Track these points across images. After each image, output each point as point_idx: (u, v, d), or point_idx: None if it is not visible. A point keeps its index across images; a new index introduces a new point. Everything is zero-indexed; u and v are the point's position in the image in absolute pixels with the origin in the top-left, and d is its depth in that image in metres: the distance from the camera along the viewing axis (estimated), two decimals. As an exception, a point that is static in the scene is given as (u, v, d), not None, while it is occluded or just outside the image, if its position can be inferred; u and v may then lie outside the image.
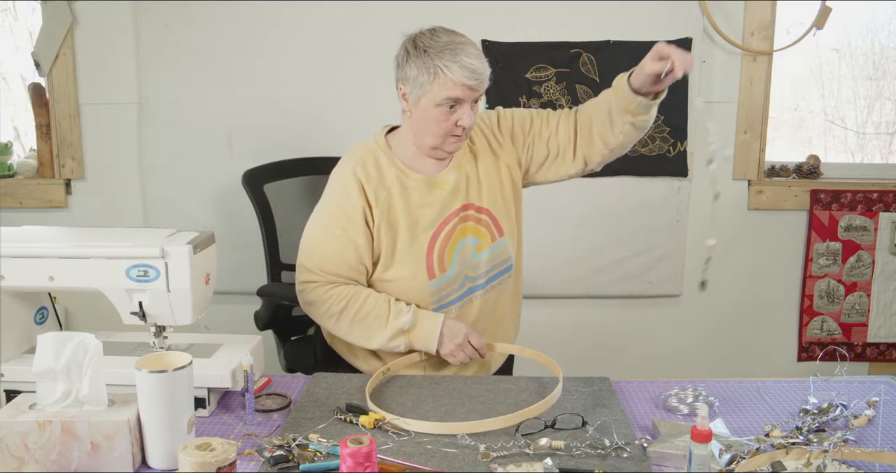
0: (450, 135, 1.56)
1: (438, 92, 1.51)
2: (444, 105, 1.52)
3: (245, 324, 2.19)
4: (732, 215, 2.71)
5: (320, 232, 1.61)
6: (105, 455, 1.11)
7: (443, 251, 1.61)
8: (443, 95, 1.51)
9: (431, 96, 1.52)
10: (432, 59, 1.50)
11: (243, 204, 2.24)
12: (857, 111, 2.88)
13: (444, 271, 1.61)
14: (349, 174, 1.60)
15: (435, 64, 1.50)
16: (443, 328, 1.56)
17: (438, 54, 1.50)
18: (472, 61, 1.50)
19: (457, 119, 1.54)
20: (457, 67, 1.49)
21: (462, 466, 1.14)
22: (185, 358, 1.15)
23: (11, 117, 2.85)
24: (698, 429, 1.06)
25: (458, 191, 1.64)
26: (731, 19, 2.56)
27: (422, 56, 1.52)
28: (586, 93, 2.55)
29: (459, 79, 1.49)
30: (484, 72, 1.52)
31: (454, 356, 1.57)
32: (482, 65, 1.52)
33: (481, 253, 1.64)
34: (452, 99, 1.51)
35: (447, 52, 1.50)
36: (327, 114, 2.55)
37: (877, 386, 1.45)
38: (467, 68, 1.49)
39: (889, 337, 2.78)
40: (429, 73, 1.50)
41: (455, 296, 1.63)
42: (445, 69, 1.49)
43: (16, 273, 1.31)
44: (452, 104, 1.52)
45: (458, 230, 1.63)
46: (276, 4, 2.48)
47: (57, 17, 2.52)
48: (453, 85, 1.50)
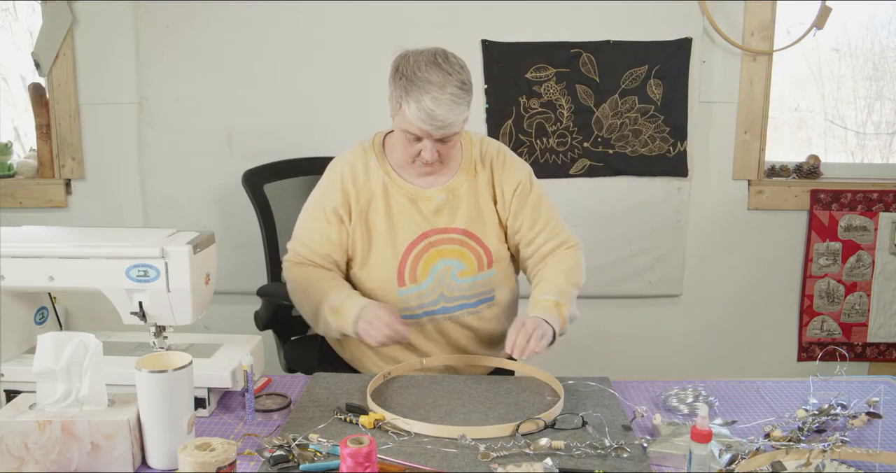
0: (414, 162, 1.59)
1: (399, 122, 1.54)
2: (407, 135, 1.54)
3: (245, 324, 2.19)
4: (732, 215, 2.71)
5: (304, 218, 1.70)
6: (105, 455, 1.11)
7: (416, 263, 1.62)
8: (403, 127, 1.53)
9: (397, 122, 1.55)
10: (402, 90, 1.49)
11: (243, 204, 2.24)
12: (857, 111, 2.88)
13: (415, 282, 1.62)
14: (336, 171, 1.67)
15: (401, 96, 1.49)
16: (362, 310, 1.52)
17: (408, 87, 1.48)
18: (434, 106, 1.45)
19: (419, 149, 1.55)
20: (415, 108, 1.47)
21: (462, 466, 1.14)
22: (185, 358, 1.15)
23: (11, 117, 2.85)
24: (698, 429, 1.06)
25: (441, 211, 1.64)
26: (731, 19, 2.56)
27: (398, 82, 1.51)
28: (586, 93, 2.55)
29: (415, 121, 1.48)
30: (446, 118, 1.47)
31: (368, 334, 1.51)
32: (447, 111, 1.46)
33: (464, 279, 1.64)
34: (411, 134, 1.52)
35: (415, 89, 1.47)
36: (327, 114, 2.55)
37: (877, 386, 1.45)
38: (426, 112, 1.46)
39: (889, 337, 2.78)
40: (395, 102, 1.53)
41: (427, 310, 1.64)
42: (406, 106, 1.48)
43: (16, 273, 1.31)
44: (414, 137, 1.53)
45: (435, 249, 1.63)
46: (276, 4, 2.48)
47: (57, 17, 2.52)
48: (410, 123, 1.50)
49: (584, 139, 2.59)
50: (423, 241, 1.62)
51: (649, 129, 2.58)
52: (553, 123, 2.57)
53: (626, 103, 2.56)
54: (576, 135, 2.58)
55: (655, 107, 2.56)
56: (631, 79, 2.55)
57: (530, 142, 2.57)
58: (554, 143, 2.59)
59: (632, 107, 2.57)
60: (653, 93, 2.56)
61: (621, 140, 2.59)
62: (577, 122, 2.57)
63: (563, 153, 2.59)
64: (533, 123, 2.57)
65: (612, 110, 2.57)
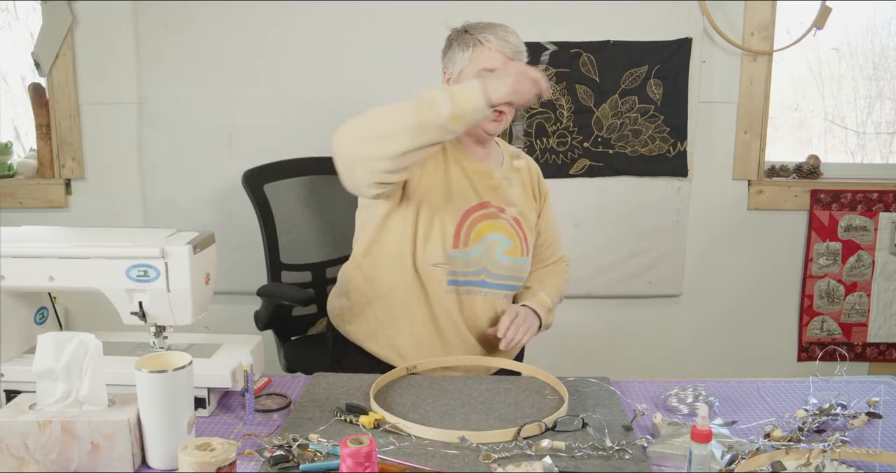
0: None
1: (477, 63, 1.59)
2: (481, 78, 1.51)
3: (245, 324, 2.19)
4: (732, 215, 2.71)
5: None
6: (105, 455, 1.11)
7: (471, 229, 1.63)
8: (480, 66, 1.58)
9: (471, 69, 1.60)
10: (472, 35, 1.61)
11: (243, 204, 2.24)
12: (857, 111, 2.88)
13: (466, 246, 1.62)
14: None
15: (475, 38, 1.61)
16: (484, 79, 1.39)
17: (478, 30, 1.62)
18: (509, 35, 1.60)
19: None
20: (493, 38, 1.59)
21: (462, 466, 1.14)
22: (185, 358, 1.15)
23: (11, 117, 2.85)
24: (698, 429, 1.06)
25: (497, 190, 1.68)
26: (731, 19, 2.56)
27: (463, 35, 1.63)
28: (586, 93, 2.55)
29: (496, 47, 1.58)
30: (520, 46, 1.61)
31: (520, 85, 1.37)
32: (517, 39, 1.61)
33: (507, 258, 1.66)
34: (489, 70, 1.55)
35: (487, 28, 1.62)
36: (327, 114, 2.55)
37: (877, 386, 1.45)
38: (503, 39, 1.59)
39: (889, 337, 2.78)
40: (468, 47, 1.61)
41: (469, 279, 1.64)
42: (483, 40, 1.59)
43: (16, 273, 1.31)
44: None
45: (490, 221, 1.65)
46: (276, 4, 2.48)
47: (57, 17, 2.52)
48: (489, 54, 1.58)
49: (584, 139, 2.59)
50: (480, 210, 1.64)
51: (649, 129, 2.58)
52: (553, 123, 2.57)
53: (626, 103, 2.56)
54: (576, 135, 2.58)
55: (655, 107, 2.56)
56: (631, 80, 2.55)
57: (530, 142, 2.57)
58: (554, 143, 2.59)
59: (632, 107, 2.57)
60: (653, 93, 2.56)
61: (621, 140, 2.59)
62: (577, 122, 2.57)
63: (563, 153, 2.59)
64: (533, 123, 2.57)
65: (612, 110, 2.57)
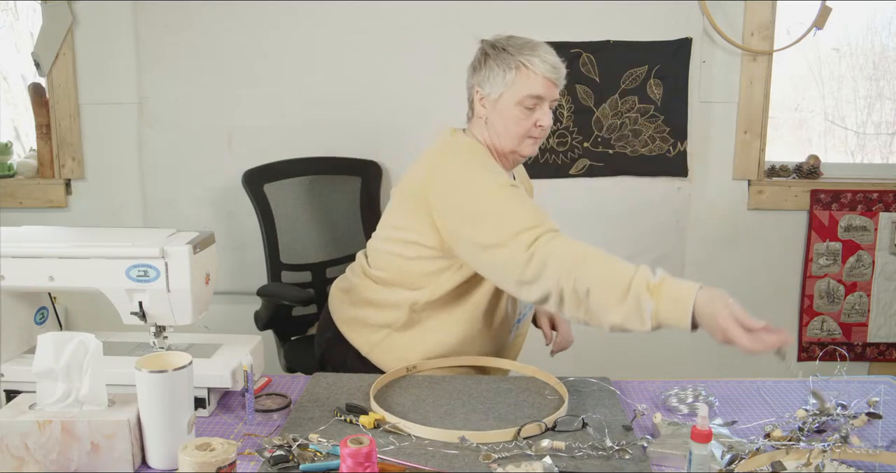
0: (527, 137, 1.55)
1: (520, 88, 1.50)
2: (524, 104, 1.51)
3: (245, 324, 2.19)
4: (732, 215, 2.71)
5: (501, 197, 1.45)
6: (105, 455, 1.11)
7: None
8: (524, 92, 1.50)
9: (513, 93, 1.51)
10: (513, 56, 1.50)
11: (243, 204, 2.24)
12: (857, 111, 2.88)
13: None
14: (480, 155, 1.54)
15: (517, 59, 1.50)
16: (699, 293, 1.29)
17: (519, 50, 1.50)
18: (551, 57, 1.51)
19: (536, 119, 1.53)
20: (538, 61, 1.49)
21: (462, 466, 1.14)
22: (185, 358, 1.15)
23: (11, 117, 2.85)
24: (698, 429, 1.06)
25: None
26: (731, 19, 2.56)
27: (501, 54, 1.52)
28: (586, 93, 2.55)
29: (542, 72, 1.49)
30: (562, 68, 1.53)
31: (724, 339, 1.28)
32: (558, 60, 1.52)
33: None
34: (534, 96, 1.50)
35: (526, 48, 1.51)
36: (327, 114, 2.55)
37: (877, 386, 1.45)
38: (548, 63, 1.50)
39: (889, 337, 2.78)
40: (510, 69, 1.50)
41: (525, 311, 1.65)
42: (528, 63, 1.49)
43: (16, 273, 1.31)
44: (533, 103, 1.51)
45: None
46: (276, 4, 2.48)
47: (57, 17, 2.52)
48: (535, 79, 1.49)
49: (584, 139, 2.59)
50: None
51: (649, 129, 2.58)
52: (553, 123, 2.57)
53: (626, 103, 2.56)
54: (576, 135, 2.58)
55: (655, 107, 2.56)
56: (631, 80, 2.55)
57: (530, 142, 2.57)
58: (554, 143, 2.59)
59: (632, 107, 2.57)
60: (653, 93, 2.56)
61: (621, 140, 2.59)
62: (577, 122, 2.57)
63: (563, 153, 2.59)
64: (533, 123, 2.57)
65: (612, 110, 2.57)
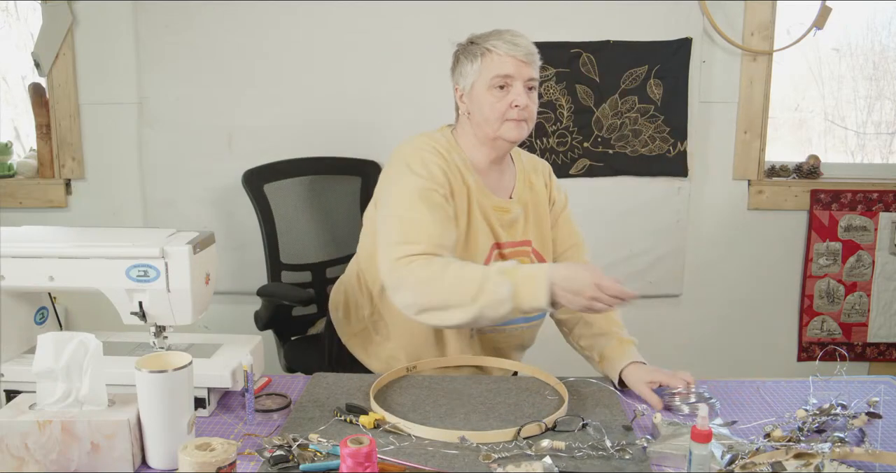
0: (505, 120, 1.54)
1: (487, 71, 1.54)
2: (495, 84, 1.53)
3: (245, 324, 2.19)
4: (732, 215, 2.71)
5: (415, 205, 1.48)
6: (105, 455, 1.11)
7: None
8: (492, 73, 1.53)
9: (482, 79, 1.54)
10: (478, 45, 1.56)
11: (243, 204, 2.24)
12: (857, 111, 2.88)
13: None
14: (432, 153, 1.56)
15: (482, 47, 1.55)
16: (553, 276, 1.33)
17: (484, 40, 1.56)
18: (516, 38, 1.55)
19: (511, 100, 1.53)
20: (501, 42, 1.53)
21: (462, 466, 1.14)
22: (185, 358, 1.15)
23: (11, 117, 2.85)
24: (698, 429, 1.06)
25: (515, 224, 1.64)
26: (731, 19, 2.56)
27: (469, 47, 1.58)
28: (586, 93, 2.55)
29: (505, 51, 1.52)
30: (529, 46, 1.55)
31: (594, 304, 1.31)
32: (527, 42, 1.56)
33: None
34: (502, 76, 1.52)
35: (492, 36, 1.56)
36: (327, 114, 2.55)
37: (877, 386, 1.45)
38: (511, 42, 1.53)
39: (889, 337, 2.78)
40: (475, 58, 1.55)
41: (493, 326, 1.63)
42: (492, 47, 1.54)
43: (16, 273, 1.31)
44: (503, 83, 1.53)
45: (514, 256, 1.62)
46: (276, 4, 2.48)
47: (57, 17, 2.52)
48: (500, 59, 1.52)
49: (584, 139, 2.59)
50: (494, 251, 1.60)
51: (649, 129, 2.58)
52: (553, 123, 2.57)
53: (626, 103, 2.56)
54: (576, 135, 2.58)
55: (655, 107, 2.56)
56: (631, 80, 2.55)
57: (530, 142, 2.57)
58: (554, 143, 2.59)
59: (632, 107, 2.57)
60: (653, 93, 2.56)
61: (621, 140, 2.59)
62: (577, 122, 2.57)
63: (563, 153, 2.59)
64: (533, 123, 2.57)
65: (612, 110, 2.57)
